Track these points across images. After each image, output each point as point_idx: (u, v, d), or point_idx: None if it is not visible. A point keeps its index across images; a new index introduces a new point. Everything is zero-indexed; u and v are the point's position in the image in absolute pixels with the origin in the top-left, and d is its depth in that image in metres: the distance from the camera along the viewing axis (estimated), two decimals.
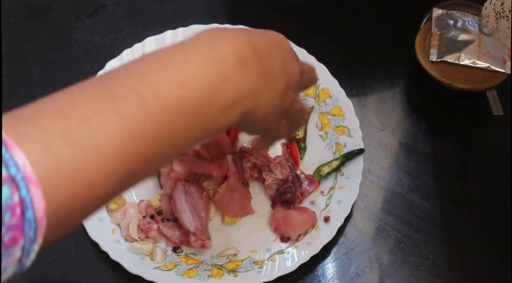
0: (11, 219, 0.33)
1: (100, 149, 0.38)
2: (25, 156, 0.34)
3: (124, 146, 0.39)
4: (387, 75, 0.81)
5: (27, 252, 0.34)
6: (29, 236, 0.34)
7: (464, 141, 0.77)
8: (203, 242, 0.65)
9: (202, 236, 0.65)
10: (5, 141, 0.34)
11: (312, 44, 0.79)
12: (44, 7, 0.86)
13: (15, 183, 0.33)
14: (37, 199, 0.34)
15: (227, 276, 0.65)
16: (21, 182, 0.33)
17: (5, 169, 0.33)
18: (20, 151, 0.34)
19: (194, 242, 0.65)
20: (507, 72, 0.75)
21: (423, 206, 0.71)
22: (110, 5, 0.86)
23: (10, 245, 0.33)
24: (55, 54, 0.82)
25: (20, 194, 0.33)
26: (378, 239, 0.69)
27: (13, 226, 0.33)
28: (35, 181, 0.34)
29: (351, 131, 0.72)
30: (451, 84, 0.75)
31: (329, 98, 0.75)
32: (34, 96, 0.78)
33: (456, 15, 0.80)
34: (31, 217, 0.34)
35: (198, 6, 0.86)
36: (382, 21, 0.85)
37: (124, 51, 0.77)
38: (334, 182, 0.70)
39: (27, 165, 0.34)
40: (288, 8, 0.86)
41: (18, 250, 0.34)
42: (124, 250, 0.65)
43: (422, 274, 0.67)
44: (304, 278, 0.67)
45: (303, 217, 0.67)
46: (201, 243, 0.65)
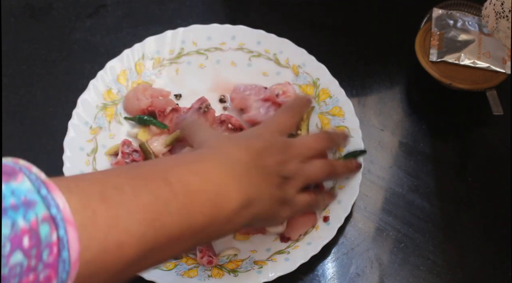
0: (48, 257, 0.34)
1: (131, 214, 0.41)
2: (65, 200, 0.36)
3: (152, 216, 0.43)
4: (387, 75, 0.81)
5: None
6: (62, 278, 0.35)
7: (464, 141, 0.77)
8: (210, 258, 0.65)
9: (208, 252, 0.65)
10: (48, 184, 0.36)
11: (312, 44, 0.79)
12: (44, 7, 0.86)
13: (54, 222, 0.35)
14: (73, 240, 0.36)
15: (227, 276, 0.65)
16: (60, 222, 0.35)
17: (46, 208, 0.35)
18: (61, 194, 0.36)
19: (201, 259, 0.65)
20: (507, 72, 0.75)
21: (423, 206, 0.71)
22: (110, 5, 0.86)
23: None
24: (55, 54, 0.82)
25: (58, 233, 0.35)
26: (378, 239, 0.69)
27: (49, 264, 0.35)
28: (73, 223, 0.36)
29: (351, 131, 0.72)
30: (451, 84, 0.75)
31: (329, 98, 0.75)
32: (34, 96, 0.79)
33: (456, 15, 0.80)
34: (66, 258, 0.35)
35: (198, 6, 0.86)
36: (382, 21, 0.85)
37: (124, 51, 0.77)
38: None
39: (67, 208, 0.36)
40: (288, 8, 0.86)
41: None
42: None
43: (422, 274, 0.67)
44: (304, 278, 0.67)
45: (303, 217, 0.67)
46: (208, 259, 0.65)
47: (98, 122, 0.73)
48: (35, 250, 0.33)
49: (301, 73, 0.77)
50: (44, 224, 0.34)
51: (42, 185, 0.36)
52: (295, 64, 0.77)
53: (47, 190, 0.36)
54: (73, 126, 0.72)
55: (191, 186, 0.47)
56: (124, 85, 0.76)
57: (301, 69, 0.77)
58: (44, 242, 0.34)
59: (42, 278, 0.34)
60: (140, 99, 0.74)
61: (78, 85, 0.75)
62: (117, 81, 0.76)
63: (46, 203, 0.35)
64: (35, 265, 0.34)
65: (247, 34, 0.79)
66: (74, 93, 0.74)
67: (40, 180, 0.36)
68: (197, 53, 0.79)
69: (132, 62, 0.77)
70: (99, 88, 0.75)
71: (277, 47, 0.78)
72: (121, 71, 0.76)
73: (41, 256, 0.34)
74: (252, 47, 0.78)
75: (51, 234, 0.34)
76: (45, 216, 0.34)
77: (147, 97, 0.74)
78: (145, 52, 0.77)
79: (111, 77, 0.76)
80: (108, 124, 0.74)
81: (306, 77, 0.77)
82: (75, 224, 0.36)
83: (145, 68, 0.77)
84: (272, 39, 0.78)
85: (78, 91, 0.74)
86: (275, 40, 0.78)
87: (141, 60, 0.77)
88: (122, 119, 0.75)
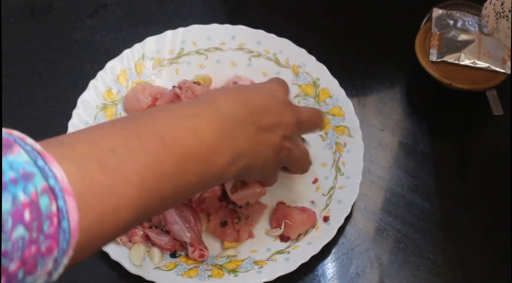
0: (49, 228, 0.35)
1: (127, 178, 0.42)
2: (63, 170, 0.37)
3: (148, 180, 0.43)
4: (387, 75, 0.81)
5: (58, 264, 0.36)
6: (62, 247, 0.36)
7: (464, 141, 0.77)
8: (201, 252, 0.65)
9: (199, 246, 0.65)
10: (44, 155, 0.36)
11: (312, 44, 0.79)
12: (44, 7, 0.86)
13: (53, 193, 0.35)
14: (72, 210, 0.36)
15: (227, 276, 0.65)
16: (59, 193, 0.36)
17: (44, 180, 0.35)
18: (58, 165, 0.37)
19: (192, 253, 0.65)
20: (507, 72, 0.75)
21: (423, 206, 0.71)
22: (110, 5, 0.86)
23: (46, 255, 0.35)
24: (55, 54, 0.82)
25: (58, 204, 0.35)
26: (378, 239, 0.69)
27: (50, 235, 0.35)
28: (72, 193, 0.36)
29: (351, 131, 0.72)
30: (451, 84, 0.75)
31: (329, 98, 0.75)
32: (34, 96, 0.79)
33: (456, 15, 0.80)
34: (66, 228, 0.36)
35: (198, 6, 0.86)
36: (382, 21, 0.85)
37: (124, 51, 0.77)
38: (334, 182, 0.70)
39: (65, 178, 0.36)
40: (288, 8, 0.86)
41: (51, 261, 0.36)
42: (124, 250, 0.65)
43: (422, 274, 0.67)
44: (304, 278, 0.67)
45: (302, 216, 0.67)
46: (199, 253, 0.65)
47: (98, 122, 0.73)
48: (36, 222, 0.34)
49: (301, 73, 0.77)
50: (44, 195, 0.35)
51: (39, 156, 0.36)
52: (295, 64, 0.77)
53: (44, 161, 0.36)
54: (73, 126, 0.72)
55: (185, 146, 0.47)
56: (124, 85, 0.76)
57: (301, 69, 0.77)
58: (45, 214, 0.34)
59: (43, 249, 0.35)
60: (140, 99, 0.74)
61: (78, 85, 0.75)
62: (117, 81, 0.76)
63: (44, 174, 0.35)
64: (36, 237, 0.34)
65: (247, 34, 0.79)
66: (74, 93, 0.74)
67: (36, 151, 0.36)
68: (197, 53, 0.79)
69: (132, 62, 0.77)
70: (99, 88, 0.75)
71: (277, 47, 0.78)
72: (121, 71, 0.76)
73: (42, 228, 0.34)
74: (252, 47, 0.78)
75: (51, 205, 0.35)
76: (44, 188, 0.35)
77: (147, 96, 0.74)
78: (145, 52, 0.77)
79: (111, 77, 0.76)
80: None
81: (306, 77, 0.77)
82: (74, 194, 0.36)
83: (145, 68, 0.77)
84: (272, 39, 0.78)
85: (78, 91, 0.74)
86: (275, 40, 0.78)
87: (141, 60, 0.77)
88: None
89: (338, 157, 0.72)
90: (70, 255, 0.37)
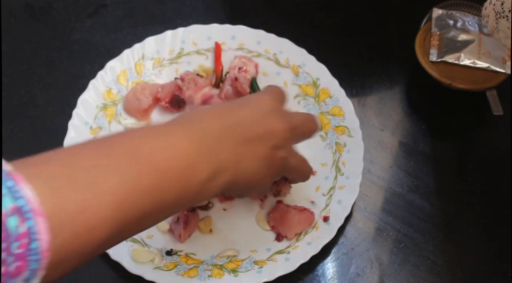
0: (18, 249, 0.35)
1: (100, 197, 0.41)
2: (33, 191, 0.36)
3: (123, 198, 0.43)
4: (387, 75, 0.81)
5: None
6: (32, 267, 0.36)
7: (464, 141, 0.77)
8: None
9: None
10: (14, 175, 0.36)
11: (312, 44, 0.79)
12: (44, 7, 0.86)
13: (22, 214, 0.35)
14: (43, 230, 0.36)
15: (227, 276, 0.65)
16: (28, 214, 0.35)
17: (13, 201, 0.35)
18: (29, 185, 0.36)
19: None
20: (507, 72, 0.75)
21: (423, 206, 0.71)
22: (110, 5, 0.86)
23: (15, 275, 0.35)
24: (55, 54, 0.82)
25: (27, 225, 0.35)
26: (378, 239, 0.69)
27: (19, 256, 0.35)
28: (42, 213, 0.36)
29: (351, 131, 0.72)
30: (451, 84, 0.75)
31: (329, 98, 0.75)
32: (34, 96, 0.79)
33: (456, 15, 0.80)
34: (36, 249, 0.36)
35: (198, 6, 0.86)
36: (382, 21, 0.85)
37: (124, 51, 0.77)
38: (334, 182, 0.70)
39: (34, 198, 0.36)
40: (288, 8, 0.86)
41: (21, 282, 0.36)
42: (124, 250, 0.65)
43: (422, 274, 0.67)
44: (304, 278, 0.67)
45: (299, 216, 0.67)
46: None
47: (98, 122, 0.73)
48: (5, 244, 0.34)
49: (301, 73, 0.77)
50: (12, 217, 0.34)
51: (8, 177, 0.36)
52: (295, 64, 0.77)
53: (13, 181, 0.36)
54: (73, 126, 0.72)
55: (158, 165, 0.46)
56: (124, 85, 0.76)
57: (301, 69, 0.77)
58: (13, 235, 0.34)
59: (12, 270, 0.35)
60: (140, 98, 0.74)
61: (78, 85, 0.75)
62: (117, 81, 0.76)
63: (13, 195, 0.35)
64: (4, 258, 0.34)
65: (247, 34, 0.79)
66: (74, 93, 0.74)
67: (5, 171, 0.36)
68: (197, 53, 0.79)
69: (132, 62, 0.77)
70: (99, 88, 0.75)
71: (277, 47, 0.78)
72: (121, 71, 0.76)
73: (10, 249, 0.34)
74: (252, 47, 0.78)
75: (20, 226, 0.35)
76: (13, 209, 0.35)
77: (147, 96, 0.74)
78: (145, 52, 0.77)
79: (111, 77, 0.76)
80: (108, 125, 0.74)
81: (306, 77, 0.77)
82: (44, 214, 0.36)
83: (145, 68, 0.77)
84: (272, 39, 0.78)
85: (78, 91, 0.74)
86: (275, 40, 0.78)
87: (141, 60, 0.77)
88: (122, 119, 0.75)
89: (338, 157, 0.72)
90: (42, 275, 0.37)
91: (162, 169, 0.46)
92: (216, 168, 0.50)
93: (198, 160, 0.49)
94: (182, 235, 0.67)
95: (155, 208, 0.46)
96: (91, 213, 0.40)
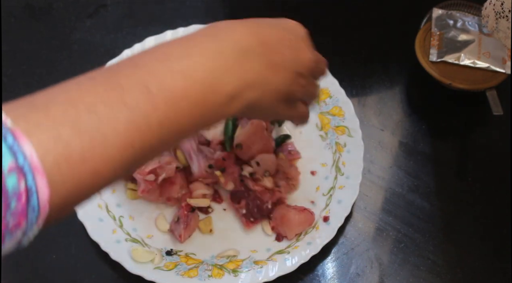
0: (17, 205, 0.35)
1: (107, 139, 0.39)
2: (32, 146, 0.36)
3: (131, 136, 0.40)
4: (387, 75, 0.81)
5: (28, 234, 0.36)
6: (31, 221, 0.36)
7: (464, 141, 0.77)
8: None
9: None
10: (14, 131, 0.36)
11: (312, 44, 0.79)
12: (44, 7, 0.86)
13: (22, 171, 0.35)
14: (42, 187, 0.36)
15: (227, 276, 0.65)
16: (27, 171, 0.35)
17: (13, 158, 0.35)
18: (28, 141, 0.36)
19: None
20: (507, 72, 0.75)
21: (423, 206, 0.71)
22: (110, 5, 0.86)
23: (14, 230, 0.35)
24: (55, 54, 0.82)
25: (26, 182, 0.35)
26: (378, 239, 0.69)
27: (17, 212, 0.35)
28: (41, 171, 0.36)
29: (351, 131, 0.72)
30: (451, 84, 0.75)
31: (329, 98, 0.75)
32: None
33: (456, 15, 0.80)
34: (35, 204, 0.36)
35: (198, 6, 0.86)
36: (382, 21, 0.85)
37: (124, 51, 0.77)
38: (334, 182, 0.70)
39: (34, 155, 0.36)
40: (288, 8, 0.86)
41: (20, 233, 0.36)
42: (124, 250, 0.65)
43: (422, 274, 0.67)
44: (304, 278, 0.67)
45: (300, 217, 0.67)
46: None
47: None
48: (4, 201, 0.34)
49: None
50: (12, 174, 0.34)
51: (8, 133, 0.35)
52: None
53: (13, 137, 0.35)
54: None
55: (174, 93, 0.43)
56: None
57: None
58: (11, 192, 0.34)
59: (11, 225, 0.35)
60: None
61: None
62: None
63: (12, 152, 0.35)
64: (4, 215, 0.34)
65: None
66: None
67: (6, 127, 0.36)
68: None
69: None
70: None
71: None
72: None
73: (9, 206, 0.34)
74: None
75: (19, 184, 0.35)
76: (12, 166, 0.34)
77: None
78: None
79: None
80: None
81: None
82: (44, 169, 0.36)
83: None
84: None
85: None
86: None
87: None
88: None
89: (338, 157, 0.72)
90: (40, 225, 0.37)
91: (177, 99, 0.43)
92: (242, 84, 0.47)
93: (216, 83, 0.46)
94: (182, 235, 0.67)
95: (165, 140, 0.43)
96: (97, 158, 0.39)
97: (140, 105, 0.41)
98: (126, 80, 0.42)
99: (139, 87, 0.42)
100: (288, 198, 0.70)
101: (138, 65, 0.44)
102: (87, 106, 0.40)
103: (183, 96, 0.43)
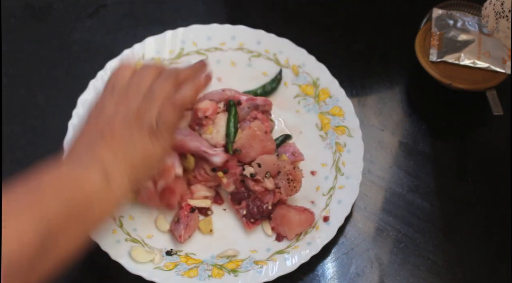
0: None
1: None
2: None
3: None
4: (387, 75, 0.81)
5: None
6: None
7: (464, 141, 0.77)
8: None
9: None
10: None
11: (312, 44, 0.79)
12: (44, 7, 0.86)
13: None
14: None
15: (227, 276, 0.65)
16: None
17: None
18: None
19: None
20: (507, 72, 0.75)
21: (423, 206, 0.71)
22: (110, 5, 0.86)
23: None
24: (55, 54, 0.82)
25: None
26: (378, 239, 0.69)
27: None
28: None
29: (351, 131, 0.72)
30: (451, 84, 0.75)
31: (329, 98, 0.75)
32: (34, 96, 0.79)
33: (456, 15, 0.80)
34: None
35: (198, 6, 0.86)
36: (382, 21, 0.85)
37: (124, 51, 0.77)
38: (334, 182, 0.70)
39: None
40: (288, 8, 0.86)
41: None
42: (124, 250, 0.65)
43: (422, 274, 0.67)
44: (304, 278, 0.67)
45: (300, 217, 0.67)
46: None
47: None
48: None
49: (301, 73, 0.77)
50: None
51: None
52: (295, 64, 0.77)
53: None
54: (73, 126, 0.72)
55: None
56: None
57: (301, 69, 0.77)
58: None
59: None
60: None
61: (78, 85, 0.75)
62: None
63: None
64: None
65: (247, 34, 0.79)
66: (74, 93, 0.74)
67: None
68: (197, 53, 0.79)
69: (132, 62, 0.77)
70: (99, 88, 0.75)
71: (277, 47, 0.78)
72: None
73: None
74: (252, 47, 0.78)
75: None
76: None
77: None
78: (145, 52, 0.77)
79: None
80: None
81: (306, 77, 0.77)
82: None
83: None
84: (272, 39, 0.78)
85: (78, 91, 0.74)
86: (275, 40, 0.78)
87: (141, 60, 0.77)
88: None
89: (338, 157, 0.72)
90: None
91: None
92: (105, 174, 0.54)
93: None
94: (182, 235, 0.67)
95: (53, 250, 0.52)
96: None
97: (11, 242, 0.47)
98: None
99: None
100: (288, 198, 0.70)
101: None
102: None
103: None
